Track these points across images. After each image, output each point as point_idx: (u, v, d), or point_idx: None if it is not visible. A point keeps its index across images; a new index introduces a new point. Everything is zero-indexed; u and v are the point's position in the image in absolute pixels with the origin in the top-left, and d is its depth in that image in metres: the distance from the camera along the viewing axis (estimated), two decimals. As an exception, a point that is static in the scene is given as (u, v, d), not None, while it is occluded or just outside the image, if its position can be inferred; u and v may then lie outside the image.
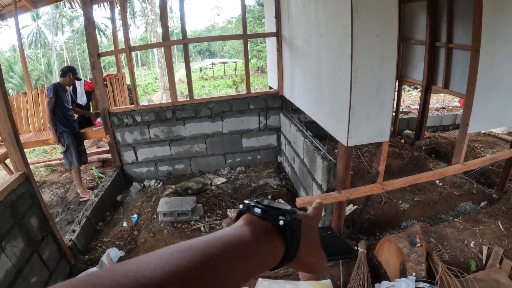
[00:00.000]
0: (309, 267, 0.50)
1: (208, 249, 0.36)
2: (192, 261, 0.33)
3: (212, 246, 0.37)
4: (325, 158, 3.42)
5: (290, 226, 0.44)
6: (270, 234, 0.44)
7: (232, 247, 0.39)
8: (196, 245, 0.36)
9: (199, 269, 0.33)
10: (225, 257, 0.37)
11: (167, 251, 0.34)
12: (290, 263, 0.46)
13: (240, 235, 0.41)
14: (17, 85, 24.22)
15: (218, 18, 63.90)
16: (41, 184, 5.74)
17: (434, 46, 5.03)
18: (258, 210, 0.46)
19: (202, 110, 5.14)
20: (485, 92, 3.17)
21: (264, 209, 0.45)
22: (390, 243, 2.86)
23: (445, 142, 5.92)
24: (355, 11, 2.37)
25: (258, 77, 24.34)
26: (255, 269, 0.41)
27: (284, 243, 0.44)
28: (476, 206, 3.92)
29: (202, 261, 0.34)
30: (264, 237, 0.43)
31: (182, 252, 0.34)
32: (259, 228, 0.43)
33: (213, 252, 0.36)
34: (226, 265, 0.36)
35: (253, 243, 0.41)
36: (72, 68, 4.88)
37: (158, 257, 0.33)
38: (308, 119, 4.17)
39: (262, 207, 0.46)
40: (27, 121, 5.96)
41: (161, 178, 5.40)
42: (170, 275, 0.31)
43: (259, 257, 0.41)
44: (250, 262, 0.40)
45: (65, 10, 29.93)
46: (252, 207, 0.46)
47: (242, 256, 0.39)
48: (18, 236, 2.62)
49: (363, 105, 2.68)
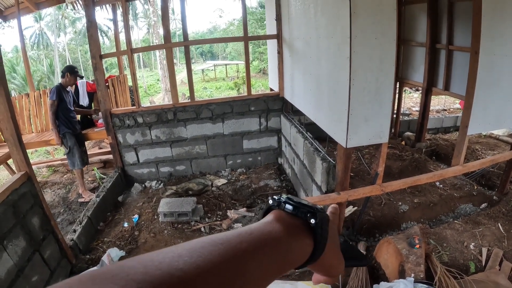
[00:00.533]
0: (330, 269, 0.50)
1: (240, 244, 0.36)
2: (224, 255, 0.33)
3: (243, 241, 0.36)
4: (324, 159, 3.44)
5: (321, 225, 0.44)
6: (301, 231, 0.44)
7: (263, 242, 0.38)
8: (227, 240, 0.36)
9: (231, 263, 0.33)
10: (256, 252, 0.37)
11: (199, 244, 0.34)
12: (314, 263, 0.46)
13: (270, 231, 0.41)
14: (19, 86, 24.33)
15: (220, 20, 64.12)
16: (43, 185, 5.77)
17: (435, 48, 5.04)
18: (290, 206, 0.45)
19: (203, 111, 5.16)
20: (485, 93, 3.18)
21: (296, 206, 0.45)
22: (389, 245, 2.87)
23: (446, 144, 5.92)
24: (353, 14, 2.39)
25: (260, 79, 24.36)
26: (284, 266, 0.40)
27: (313, 241, 0.44)
28: (476, 208, 3.92)
29: (235, 256, 0.34)
30: (295, 234, 0.43)
31: (214, 246, 0.34)
32: (290, 225, 0.43)
33: (245, 247, 0.36)
34: (257, 260, 0.36)
35: (284, 240, 0.41)
36: (70, 68, 4.78)
37: (190, 249, 0.32)
38: (308, 121, 4.19)
39: (294, 204, 0.46)
40: (30, 121, 6.00)
41: (162, 179, 5.43)
42: (203, 269, 0.30)
43: (289, 254, 0.41)
44: (280, 258, 0.40)
45: (67, 12, 30.04)
46: (283, 203, 0.46)
47: (273, 252, 0.39)
48: (20, 235, 2.65)
49: (362, 106, 2.69)
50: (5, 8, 6.18)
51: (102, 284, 0.25)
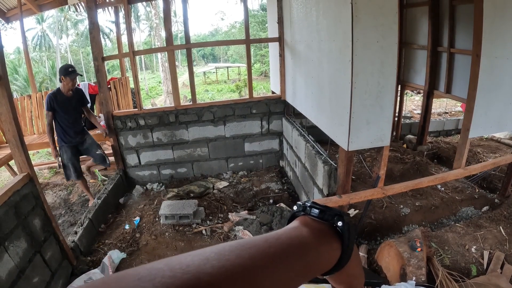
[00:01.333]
0: (353, 280, 0.48)
1: (268, 248, 0.35)
2: (253, 259, 0.32)
3: (271, 246, 0.36)
4: (326, 162, 3.44)
5: (348, 229, 0.43)
6: (328, 235, 0.43)
7: (291, 247, 0.38)
8: (255, 244, 0.35)
9: (260, 268, 0.32)
10: (285, 257, 0.36)
11: (226, 247, 0.33)
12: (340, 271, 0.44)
13: (298, 235, 0.40)
14: (21, 87, 24.41)
15: (222, 23, 64.14)
16: (44, 186, 5.78)
17: (436, 51, 5.04)
18: (316, 210, 0.45)
19: (205, 114, 5.18)
20: (486, 96, 3.18)
21: (323, 210, 0.44)
22: (391, 248, 2.86)
23: (448, 147, 5.92)
24: (355, 17, 2.40)
25: (262, 82, 24.40)
26: (312, 270, 0.40)
27: (340, 246, 0.43)
28: (477, 211, 3.91)
29: (263, 260, 0.33)
30: (322, 238, 0.42)
31: (242, 250, 0.33)
32: (317, 229, 0.42)
33: (273, 252, 0.35)
34: (286, 265, 0.35)
35: (312, 244, 0.40)
36: (64, 69, 4.18)
37: (217, 253, 0.31)
38: (310, 124, 4.19)
39: (320, 208, 0.45)
40: (31, 123, 6.03)
41: (164, 182, 5.43)
42: (232, 273, 0.30)
43: (317, 258, 0.40)
44: (308, 262, 0.39)
45: (70, 14, 30.19)
46: (309, 207, 0.45)
47: (301, 256, 0.38)
48: (21, 237, 2.65)
49: (363, 109, 2.70)
50: (8, 9, 6.23)
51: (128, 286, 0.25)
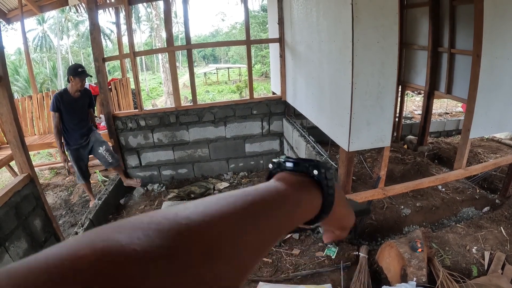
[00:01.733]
0: (342, 220, 0.49)
1: (246, 197, 0.34)
2: (232, 205, 0.32)
3: (250, 195, 0.35)
4: (326, 162, 3.43)
5: (325, 176, 0.44)
6: (306, 184, 0.43)
7: (271, 196, 0.37)
8: (233, 194, 0.34)
9: (240, 213, 0.32)
10: (265, 205, 0.35)
11: (204, 199, 0.32)
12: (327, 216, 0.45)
13: (275, 186, 0.40)
14: (22, 88, 24.44)
15: (222, 24, 64.20)
16: (45, 187, 5.79)
17: (437, 51, 5.04)
18: (290, 164, 0.45)
19: (205, 115, 5.18)
20: (487, 97, 3.18)
21: (296, 162, 0.45)
22: (391, 248, 2.86)
23: (448, 147, 5.91)
24: (355, 18, 2.40)
25: (262, 82, 24.40)
26: (294, 219, 0.40)
27: (321, 192, 0.44)
28: (478, 212, 3.91)
29: (243, 206, 0.33)
30: (301, 188, 0.42)
31: (219, 199, 0.32)
32: (295, 181, 0.42)
33: (252, 199, 0.34)
34: (267, 213, 0.35)
35: (290, 193, 0.40)
36: (73, 69, 4.06)
37: (195, 203, 0.31)
38: (310, 125, 4.19)
39: (294, 160, 0.45)
40: (32, 124, 6.03)
41: (164, 182, 5.43)
42: (211, 217, 0.29)
43: (298, 207, 0.40)
44: (288, 211, 0.39)
45: (70, 15, 30.22)
46: (283, 162, 0.45)
47: (280, 204, 0.38)
48: (21, 237, 2.66)
49: (364, 110, 2.70)
50: (9, 10, 6.24)
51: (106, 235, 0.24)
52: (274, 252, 3.34)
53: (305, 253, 3.32)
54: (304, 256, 3.28)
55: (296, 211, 0.40)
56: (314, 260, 3.19)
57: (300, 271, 3.06)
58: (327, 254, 3.21)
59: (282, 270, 3.11)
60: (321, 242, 3.42)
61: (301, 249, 3.38)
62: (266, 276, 3.05)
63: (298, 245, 3.44)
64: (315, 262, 3.15)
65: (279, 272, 3.09)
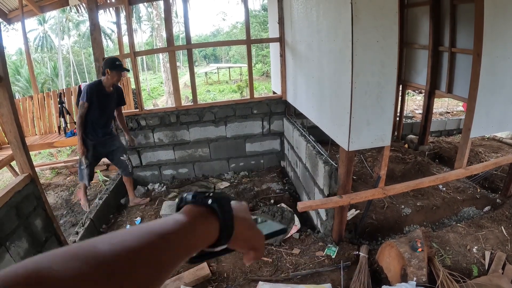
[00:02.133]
0: (250, 242, 0.55)
1: (146, 231, 0.41)
2: (135, 239, 0.39)
3: (150, 228, 0.42)
4: (326, 162, 3.43)
5: (219, 203, 0.50)
6: (204, 214, 0.49)
7: (168, 225, 0.44)
8: (138, 228, 0.41)
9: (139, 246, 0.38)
10: (165, 235, 0.42)
11: (117, 234, 0.39)
12: (231, 240, 0.51)
13: (173, 217, 0.47)
14: (23, 88, 24.51)
15: (223, 23, 64.25)
16: (46, 187, 5.80)
17: (437, 50, 5.03)
18: (189, 197, 0.51)
19: (206, 114, 5.18)
20: (488, 96, 3.17)
21: (194, 195, 0.51)
22: (391, 248, 2.86)
23: (449, 146, 5.90)
24: (355, 17, 2.40)
25: (263, 82, 24.42)
26: (192, 244, 0.46)
27: (218, 219, 0.50)
28: (479, 211, 3.90)
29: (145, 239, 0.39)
30: (197, 217, 0.48)
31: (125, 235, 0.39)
32: (193, 212, 0.49)
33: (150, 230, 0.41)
34: (165, 241, 0.41)
35: (187, 222, 0.46)
36: (110, 62, 3.87)
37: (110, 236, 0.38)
38: (310, 124, 4.19)
39: (193, 194, 0.52)
40: (33, 124, 6.05)
41: (165, 182, 5.44)
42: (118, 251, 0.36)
43: (195, 234, 0.46)
44: (186, 237, 0.45)
45: (71, 15, 30.27)
46: (185, 197, 0.52)
47: (178, 231, 0.44)
48: (22, 237, 2.66)
49: (364, 110, 2.69)
50: (9, 11, 6.26)
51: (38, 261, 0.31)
52: (274, 252, 3.34)
53: (305, 252, 3.32)
54: (304, 255, 3.28)
55: (194, 236, 0.46)
56: (314, 259, 3.19)
57: (300, 271, 3.06)
58: (327, 254, 3.21)
59: (282, 270, 3.11)
60: (321, 241, 3.43)
61: (301, 248, 3.38)
62: (266, 275, 3.05)
63: (298, 245, 3.45)
64: (315, 262, 3.16)
65: (279, 271, 3.10)
